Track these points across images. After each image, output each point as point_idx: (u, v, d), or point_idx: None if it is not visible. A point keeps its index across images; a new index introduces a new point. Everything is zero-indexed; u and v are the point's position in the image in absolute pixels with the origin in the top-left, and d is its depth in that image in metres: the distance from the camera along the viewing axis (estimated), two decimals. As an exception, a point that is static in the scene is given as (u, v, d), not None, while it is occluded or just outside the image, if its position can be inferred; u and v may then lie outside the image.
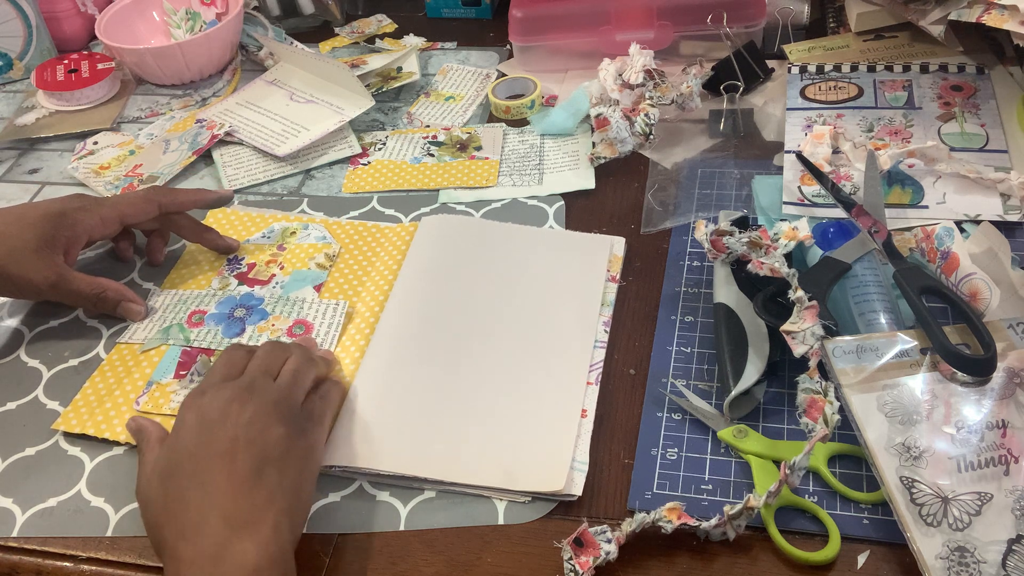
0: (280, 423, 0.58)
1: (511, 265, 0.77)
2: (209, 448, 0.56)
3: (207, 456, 0.56)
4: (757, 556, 0.57)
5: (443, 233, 0.81)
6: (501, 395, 0.67)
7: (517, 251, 0.79)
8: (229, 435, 0.56)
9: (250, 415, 0.58)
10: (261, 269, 0.80)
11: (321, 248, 0.81)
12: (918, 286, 0.65)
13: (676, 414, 0.65)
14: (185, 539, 0.53)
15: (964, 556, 0.53)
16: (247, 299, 0.77)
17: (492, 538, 0.60)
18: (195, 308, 0.77)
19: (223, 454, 0.56)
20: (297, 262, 0.80)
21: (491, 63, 1.06)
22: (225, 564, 0.51)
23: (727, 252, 0.70)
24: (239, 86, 1.06)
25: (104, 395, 0.70)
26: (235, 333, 0.74)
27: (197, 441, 0.57)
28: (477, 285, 0.76)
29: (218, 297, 0.77)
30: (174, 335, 0.74)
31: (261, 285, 0.78)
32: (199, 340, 0.74)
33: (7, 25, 1.08)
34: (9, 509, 0.64)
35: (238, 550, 0.52)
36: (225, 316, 0.76)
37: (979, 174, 0.77)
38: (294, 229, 0.83)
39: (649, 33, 0.97)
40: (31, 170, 0.97)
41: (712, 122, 0.92)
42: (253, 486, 0.55)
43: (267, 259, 0.81)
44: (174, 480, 0.56)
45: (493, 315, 0.73)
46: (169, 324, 0.75)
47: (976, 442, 0.58)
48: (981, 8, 0.81)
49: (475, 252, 0.79)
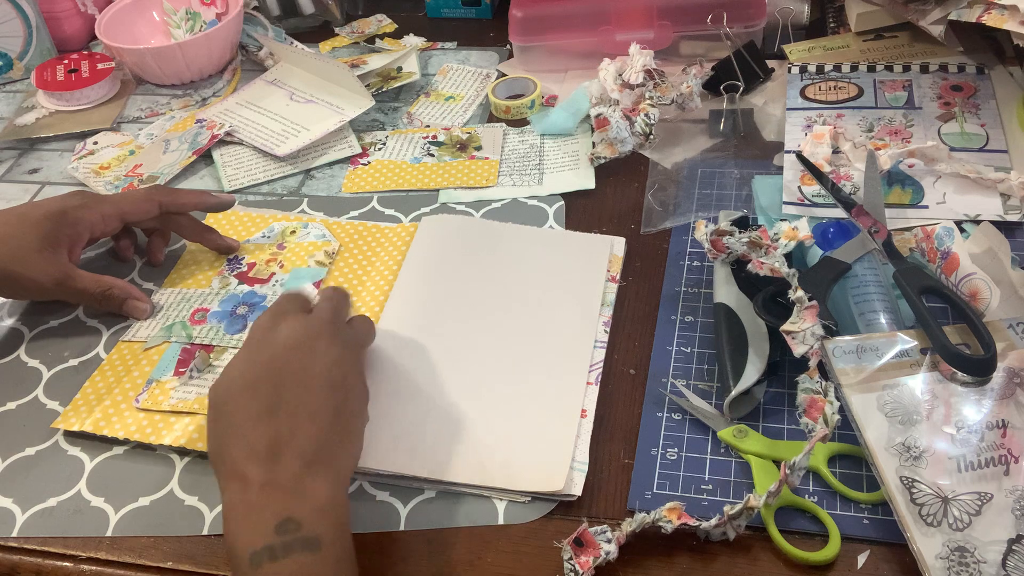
0: (358, 374, 0.60)
1: (511, 265, 0.77)
2: (293, 376, 0.56)
3: (290, 384, 0.56)
4: (757, 556, 0.57)
5: (443, 233, 0.81)
6: (501, 395, 0.67)
7: (517, 251, 0.79)
8: (316, 369, 0.57)
9: (336, 355, 0.58)
10: (261, 268, 0.80)
11: (321, 246, 0.81)
12: (918, 286, 0.65)
13: (676, 414, 0.65)
14: (255, 461, 0.53)
15: (964, 556, 0.53)
16: (249, 296, 0.77)
17: (492, 538, 0.60)
18: (198, 306, 0.77)
19: (306, 386, 0.56)
20: (297, 260, 0.80)
21: (491, 63, 1.06)
22: (299, 498, 0.52)
23: (727, 252, 0.70)
24: (239, 86, 1.06)
25: (104, 393, 0.70)
26: (238, 329, 0.74)
27: (281, 364, 0.57)
28: (477, 285, 0.76)
29: (220, 296, 0.78)
30: (176, 332, 0.74)
31: (261, 284, 0.78)
32: (201, 337, 0.74)
33: (7, 25, 1.08)
34: (9, 509, 0.64)
35: (311, 486, 0.53)
36: (228, 313, 0.76)
37: (979, 174, 0.77)
38: (294, 228, 0.83)
39: (649, 33, 0.97)
40: (31, 170, 0.97)
41: (712, 122, 0.92)
42: (331, 425, 0.56)
43: (267, 258, 0.81)
44: (250, 396, 0.55)
45: (493, 315, 0.73)
46: (172, 322, 0.75)
47: (976, 442, 0.58)
48: (981, 8, 0.81)
49: (475, 252, 0.79)
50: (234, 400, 0.56)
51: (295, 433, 0.54)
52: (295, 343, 0.58)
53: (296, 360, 0.57)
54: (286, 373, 0.56)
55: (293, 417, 0.55)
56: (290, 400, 0.55)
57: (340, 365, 0.58)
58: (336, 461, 0.55)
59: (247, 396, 0.56)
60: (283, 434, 0.54)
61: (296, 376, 0.56)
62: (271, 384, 0.56)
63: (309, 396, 0.56)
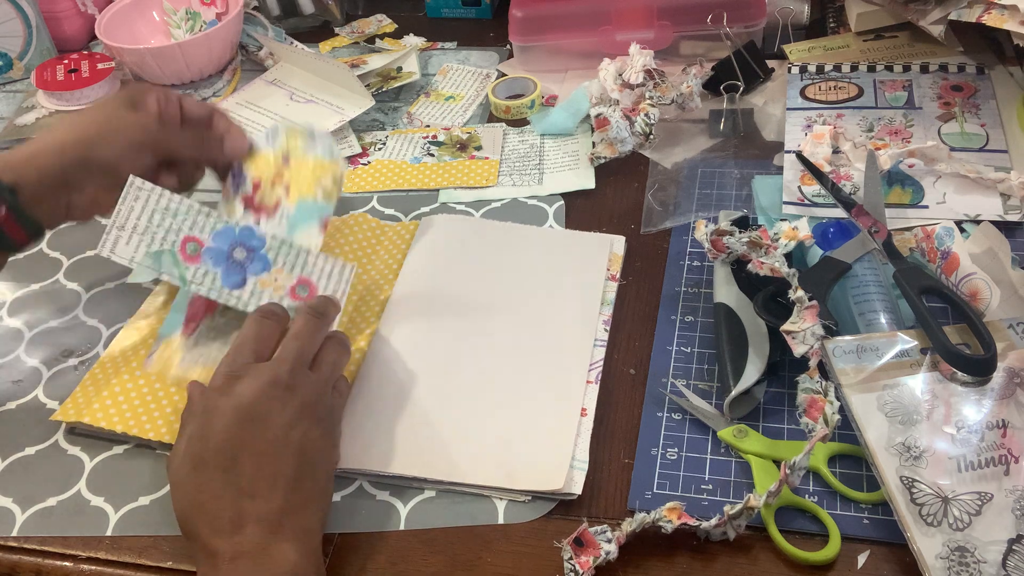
0: (317, 424, 0.58)
1: (511, 264, 0.77)
2: (247, 447, 0.55)
3: (245, 455, 0.55)
4: (757, 556, 0.57)
5: (443, 233, 0.81)
6: (501, 394, 0.67)
7: (517, 250, 0.79)
8: (269, 436, 0.56)
9: (291, 416, 0.57)
10: (267, 191, 0.75)
11: (328, 168, 0.76)
12: (918, 286, 0.65)
13: (676, 414, 0.65)
14: (221, 535, 0.53)
15: (964, 556, 0.53)
16: (247, 236, 0.72)
17: (492, 538, 0.60)
18: (188, 234, 0.71)
19: (262, 455, 0.55)
20: (303, 184, 0.76)
21: (491, 63, 1.06)
22: (266, 564, 0.52)
23: (727, 252, 0.70)
24: (239, 86, 1.05)
25: (102, 383, 0.69)
26: (237, 283, 0.70)
27: (234, 436, 0.56)
28: (477, 285, 0.76)
29: (215, 226, 0.71)
30: (167, 266, 0.70)
31: (267, 216, 0.74)
32: (197, 282, 0.70)
33: (7, 25, 1.08)
34: (9, 509, 0.64)
35: (277, 550, 0.52)
36: (224, 256, 0.71)
37: (979, 174, 0.77)
38: (299, 134, 0.78)
39: (649, 33, 0.97)
40: (31, 170, 0.97)
41: (712, 122, 0.92)
42: (292, 489, 0.55)
43: (272, 176, 0.76)
44: (207, 471, 0.55)
45: (493, 314, 0.73)
46: (160, 248, 0.70)
47: (976, 442, 0.58)
48: (981, 8, 0.81)
49: (475, 252, 0.79)
50: (192, 476, 0.55)
51: (256, 502, 0.54)
52: (247, 412, 0.56)
53: (249, 430, 0.56)
54: (240, 444, 0.55)
55: (252, 486, 0.54)
56: (247, 470, 0.54)
57: (296, 426, 0.57)
58: (302, 522, 0.55)
59: (204, 472, 0.55)
60: (244, 505, 0.54)
61: (251, 446, 0.55)
62: (227, 456, 0.55)
63: (266, 464, 0.55)
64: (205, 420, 0.57)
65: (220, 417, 0.56)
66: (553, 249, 0.79)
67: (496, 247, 0.79)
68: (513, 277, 0.76)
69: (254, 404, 0.57)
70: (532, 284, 0.75)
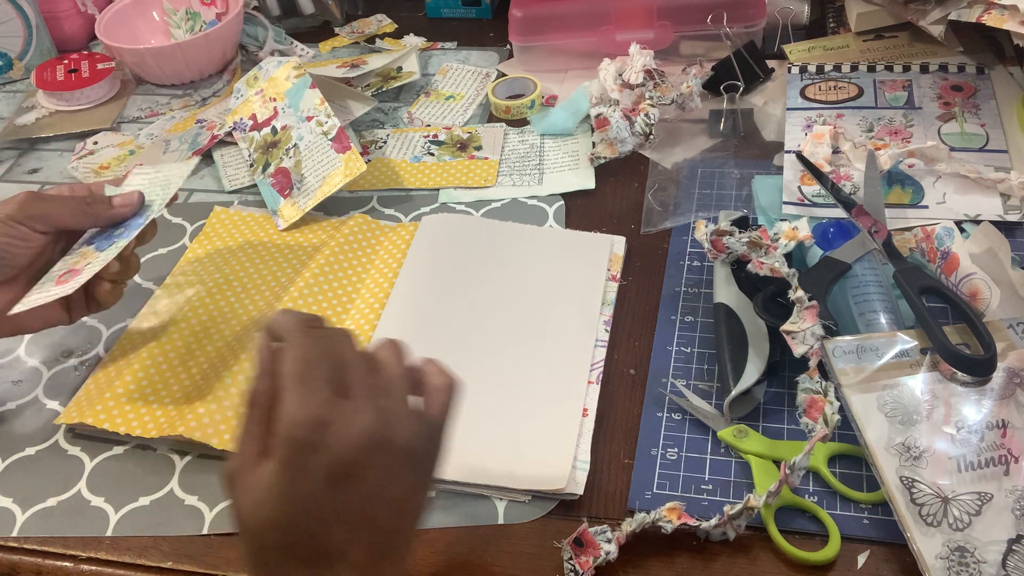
0: (413, 472, 0.48)
1: (511, 264, 0.77)
2: (341, 513, 0.45)
3: (339, 523, 0.45)
4: (757, 556, 0.57)
5: (443, 233, 0.81)
6: (502, 394, 0.67)
7: (517, 250, 0.79)
8: (365, 493, 0.46)
9: (390, 467, 0.46)
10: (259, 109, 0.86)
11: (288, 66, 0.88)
12: (918, 286, 0.65)
13: (676, 414, 0.65)
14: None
15: (964, 556, 0.53)
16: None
17: (492, 538, 0.60)
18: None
19: (358, 521, 0.46)
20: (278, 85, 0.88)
21: (491, 63, 1.06)
22: None
23: (727, 252, 0.70)
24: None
25: (104, 385, 0.70)
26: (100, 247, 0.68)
27: (325, 499, 0.45)
28: (477, 285, 0.76)
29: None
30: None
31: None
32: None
33: (7, 25, 1.08)
34: (9, 509, 0.64)
35: None
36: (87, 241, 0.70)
37: (979, 174, 0.77)
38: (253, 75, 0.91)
39: (649, 33, 0.97)
40: (31, 170, 0.97)
41: (712, 122, 0.92)
42: (386, 552, 0.47)
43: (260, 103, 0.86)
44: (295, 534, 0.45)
45: (494, 314, 0.73)
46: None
47: (976, 442, 0.58)
48: (981, 8, 0.81)
49: (475, 252, 0.79)
50: (270, 547, 0.46)
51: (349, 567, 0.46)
52: (338, 470, 0.45)
53: (340, 488, 0.45)
54: (328, 510, 0.45)
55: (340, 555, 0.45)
56: (337, 538, 0.45)
57: (394, 480, 0.47)
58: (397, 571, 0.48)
59: (285, 536, 0.45)
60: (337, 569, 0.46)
61: (341, 512, 0.45)
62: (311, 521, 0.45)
63: (358, 530, 0.46)
64: (288, 477, 0.45)
65: (308, 479, 0.45)
66: (553, 249, 0.79)
67: (496, 247, 0.79)
68: (513, 277, 0.76)
69: (347, 456, 0.45)
70: (532, 284, 0.75)
